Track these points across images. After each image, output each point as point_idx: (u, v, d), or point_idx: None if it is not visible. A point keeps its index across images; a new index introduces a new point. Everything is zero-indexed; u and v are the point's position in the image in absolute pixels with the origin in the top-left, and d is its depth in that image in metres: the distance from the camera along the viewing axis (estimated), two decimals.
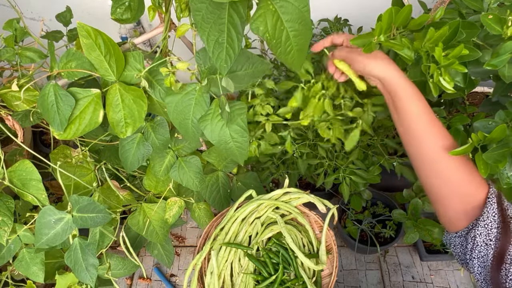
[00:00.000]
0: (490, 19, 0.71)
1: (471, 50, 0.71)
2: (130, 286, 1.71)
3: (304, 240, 0.98)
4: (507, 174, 0.78)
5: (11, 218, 0.79)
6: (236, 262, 0.95)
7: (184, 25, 0.67)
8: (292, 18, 0.52)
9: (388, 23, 0.72)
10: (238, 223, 0.96)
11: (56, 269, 1.01)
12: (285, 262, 0.93)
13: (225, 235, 0.95)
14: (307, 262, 0.90)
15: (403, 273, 1.70)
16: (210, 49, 0.54)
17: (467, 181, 0.68)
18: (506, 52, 0.69)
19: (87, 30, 0.65)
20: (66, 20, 0.97)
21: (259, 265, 0.92)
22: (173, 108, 0.72)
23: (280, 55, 0.55)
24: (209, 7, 0.52)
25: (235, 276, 0.95)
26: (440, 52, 0.67)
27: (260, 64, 0.71)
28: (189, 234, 1.86)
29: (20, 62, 0.77)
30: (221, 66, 0.55)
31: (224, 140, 0.74)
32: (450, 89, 0.71)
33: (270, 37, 0.53)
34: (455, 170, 0.68)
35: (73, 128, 0.71)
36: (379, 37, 0.73)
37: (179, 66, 0.64)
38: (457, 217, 0.69)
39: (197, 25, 0.53)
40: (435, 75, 0.70)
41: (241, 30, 0.53)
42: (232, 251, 0.95)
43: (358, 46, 0.75)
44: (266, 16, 0.52)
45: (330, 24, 1.49)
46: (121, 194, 0.99)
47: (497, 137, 0.76)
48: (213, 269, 0.91)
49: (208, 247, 0.93)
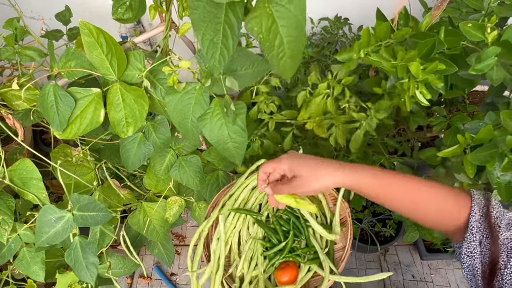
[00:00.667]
0: (470, 27, 0.72)
1: (448, 65, 0.72)
2: (131, 285, 1.71)
3: (316, 212, 0.93)
4: (497, 175, 0.79)
5: (12, 217, 0.79)
6: (245, 230, 0.92)
7: (186, 24, 0.67)
8: (288, 23, 0.51)
9: (367, 41, 0.75)
10: (248, 190, 0.93)
11: (56, 268, 1.01)
12: (296, 229, 0.90)
13: (234, 201, 0.92)
14: (319, 229, 0.86)
15: (403, 272, 1.70)
16: (204, 48, 0.54)
17: (447, 210, 0.69)
18: (489, 57, 0.70)
19: (89, 28, 0.64)
20: (65, 19, 0.97)
21: (268, 231, 0.89)
22: (173, 107, 0.72)
23: (272, 59, 0.54)
24: (207, 6, 0.51)
25: (242, 244, 0.92)
26: (417, 67, 0.69)
27: (260, 63, 0.71)
28: (189, 233, 1.86)
29: (20, 61, 0.77)
30: (214, 66, 0.55)
31: (223, 139, 0.74)
32: (424, 102, 0.72)
33: (264, 39, 0.52)
34: (433, 207, 0.69)
35: (74, 128, 0.71)
36: (359, 53, 0.75)
37: (181, 65, 0.64)
38: (451, 234, 0.71)
39: (193, 23, 0.52)
40: (411, 89, 0.71)
41: (237, 30, 0.53)
42: (241, 219, 0.92)
43: (342, 60, 0.78)
44: (262, 18, 0.51)
45: (330, 23, 1.49)
46: (121, 193, 0.99)
47: (484, 138, 0.77)
48: (220, 234, 0.88)
49: (216, 213, 0.90)
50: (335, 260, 0.90)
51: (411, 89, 0.71)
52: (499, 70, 0.72)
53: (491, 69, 0.71)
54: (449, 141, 0.90)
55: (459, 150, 0.80)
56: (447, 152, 0.79)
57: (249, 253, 0.89)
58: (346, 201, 0.92)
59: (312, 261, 0.87)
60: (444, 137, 0.91)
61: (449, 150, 0.79)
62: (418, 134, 1.29)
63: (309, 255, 0.88)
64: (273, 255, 0.89)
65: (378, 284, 1.67)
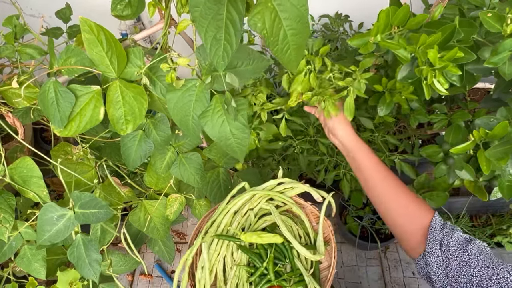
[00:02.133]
0: (490, 17, 0.70)
1: (466, 53, 0.71)
2: (132, 282, 1.72)
3: (300, 232, 0.94)
4: (509, 171, 0.78)
5: (12, 215, 0.79)
6: (229, 257, 0.92)
7: (184, 21, 0.66)
8: (290, 16, 0.52)
9: (385, 23, 0.72)
10: (230, 215, 0.93)
11: (57, 265, 1.01)
12: (280, 253, 0.90)
13: (217, 227, 0.92)
14: (302, 251, 0.86)
15: (403, 269, 1.70)
16: (207, 46, 0.54)
17: (415, 208, 0.79)
18: (506, 50, 0.69)
19: (89, 25, 0.64)
20: (65, 16, 0.97)
21: (252, 255, 0.88)
22: (174, 104, 0.72)
23: (277, 53, 0.55)
24: (208, 3, 0.51)
25: (228, 271, 0.91)
26: (435, 55, 0.67)
27: (260, 60, 0.71)
28: (190, 231, 1.86)
29: (20, 59, 0.77)
30: (218, 62, 0.55)
31: (225, 136, 0.74)
32: (443, 91, 0.71)
33: (268, 34, 0.53)
34: (404, 197, 0.81)
35: (74, 125, 0.71)
36: (376, 37, 0.73)
37: (179, 62, 0.64)
38: (412, 239, 0.79)
39: (195, 21, 0.52)
40: (429, 77, 0.70)
41: (240, 26, 0.53)
42: (224, 245, 0.91)
43: (355, 46, 0.76)
44: (264, 13, 0.52)
45: (331, 20, 1.48)
46: (122, 191, 0.99)
47: (499, 134, 0.75)
48: (204, 263, 0.87)
49: (199, 241, 0.90)
50: (321, 280, 0.90)
51: (429, 77, 0.70)
52: (510, 64, 0.71)
53: (504, 63, 0.70)
54: (451, 138, 0.90)
55: (471, 146, 0.78)
56: (458, 149, 0.78)
57: (234, 280, 0.88)
58: (332, 224, 0.93)
59: (298, 284, 0.86)
60: (446, 134, 0.91)
61: (460, 147, 0.77)
62: (418, 131, 1.29)
63: (295, 278, 0.87)
64: (258, 281, 0.88)
65: (379, 282, 1.67)
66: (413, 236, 0.77)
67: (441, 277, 0.70)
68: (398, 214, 0.80)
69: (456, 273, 0.67)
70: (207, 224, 0.94)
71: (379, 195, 0.84)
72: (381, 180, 0.84)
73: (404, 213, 0.79)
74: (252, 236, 0.87)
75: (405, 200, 0.80)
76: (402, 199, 0.80)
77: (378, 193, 0.84)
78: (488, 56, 0.72)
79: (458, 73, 0.69)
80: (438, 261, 0.71)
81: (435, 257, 0.71)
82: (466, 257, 0.67)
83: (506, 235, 1.60)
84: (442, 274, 0.70)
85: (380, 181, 0.84)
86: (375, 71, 1.09)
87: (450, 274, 0.68)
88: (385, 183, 0.83)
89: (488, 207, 1.70)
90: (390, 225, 0.83)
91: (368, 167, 0.87)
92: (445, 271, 0.70)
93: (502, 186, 0.82)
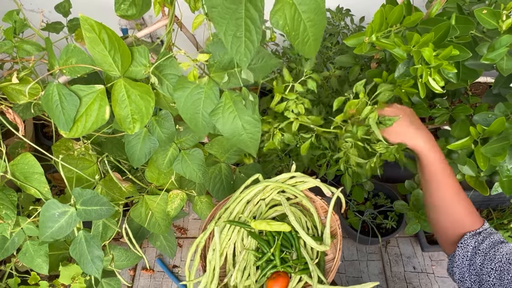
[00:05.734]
0: (485, 14, 0.70)
1: (462, 50, 0.71)
2: (133, 277, 1.72)
3: (308, 224, 0.97)
4: (507, 167, 0.78)
5: (14, 211, 0.79)
6: (239, 242, 0.96)
7: (200, 16, 0.66)
8: (309, 8, 0.54)
9: (380, 23, 0.73)
10: (243, 204, 0.97)
11: (59, 260, 1.02)
12: (287, 242, 0.93)
13: (230, 214, 0.96)
14: (309, 240, 0.89)
15: (404, 263, 1.71)
16: (228, 44, 0.55)
17: (465, 214, 0.78)
18: (502, 46, 0.69)
19: (90, 23, 0.63)
20: (65, 10, 0.96)
21: (261, 241, 0.92)
22: (183, 103, 0.72)
23: (298, 46, 0.57)
24: (225, 3, 0.52)
25: (237, 255, 0.96)
26: (430, 53, 0.67)
27: (269, 58, 0.71)
28: (191, 226, 1.87)
29: (18, 55, 0.76)
30: (241, 60, 0.56)
31: (237, 132, 0.74)
32: (438, 89, 0.71)
33: (289, 29, 0.55)
34: (457, 204, 0.79)
35: (80, 126, 0.70)
36: (371, 37, 0.73)
37: (200, 58, 0.64)
38: (452, 239, 0.79)
39: (214, 21, 0.53)
40: (424, 75, 0.70)
41: (259, 23, 0.54)
42: (236, 231, 0.96)
43: (351, 46, 0.77)
44: (285, 9, 0.53)
45: (332, 14, 1.47)
46: (123, 186, 0.99)
47: (496, 130, 0.75)
48: (215, 246, 0.91)
49: (213, 225, 0.94)
50: (326, 270, 0.93)
51: (424, 76, 0.70)
52: (509, 59, 0.71)
53: (502, 59, 0.70)
54: (457, 132, 0.89)
55: (469, 142, 0.78)
56: (457, 145, 0.78)
57: (242, 264, 0.93)
58: (336, 213, 0.95)
59: (302, 272, 0.89)
60: (452, 129, 0.91)
61: (459, 143, 0.78)
62: None
63: (300, 265, 0.90)
64: (265, 265, 0.91)
65: (379, 276, 1.68)
66: (455, 236, 0.77)
67: (464, 270, 0.72)
68: (449, 220, 0.80)
69: (478, 266, 0.69)
70: (220, 211, 0.97)
71: (438, 199, 0.82)
72: (445, 186, 0.81)
73: (455, 219, 0.79)
74: (261, 224, 0.91)
75: (462, 209, 0.79)
76: (460, 205, 0.79)
77: (438, 198, 0.82)
78: (486, 52, 0.72)
79: (454, 71, 0.69)
80: (465, 256, 0.72)
81: (464, 252, 0.72)
82: (491, 253, 0.68)
83: (507, 229, 1.60)
84: (465, 268, 0.72)
85: (444, 187, 0.81)
86: (377, 65, 1.08)
87: (472, 267, 0.70)
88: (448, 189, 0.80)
89: (489, 202, 1.70)
90: (435, 224, 0.83)
91: (437, 171, 0.82)
92: (469, 264, 0.71)
93: (502, 182, 0.82)
